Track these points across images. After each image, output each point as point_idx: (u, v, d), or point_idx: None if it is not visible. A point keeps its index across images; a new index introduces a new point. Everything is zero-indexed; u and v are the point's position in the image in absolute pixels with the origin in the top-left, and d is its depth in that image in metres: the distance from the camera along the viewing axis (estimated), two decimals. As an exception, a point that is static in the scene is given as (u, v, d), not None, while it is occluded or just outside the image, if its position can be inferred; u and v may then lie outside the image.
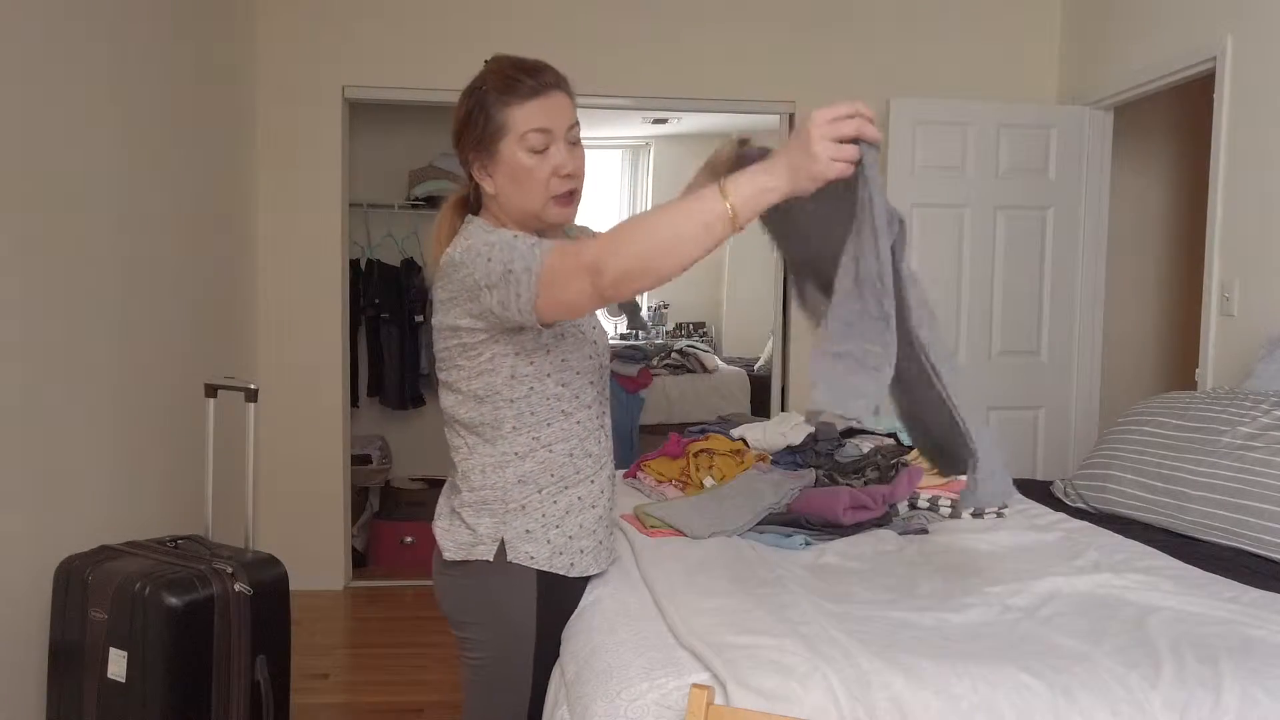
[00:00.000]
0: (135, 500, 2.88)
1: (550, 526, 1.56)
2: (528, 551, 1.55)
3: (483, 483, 1.56)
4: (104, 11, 2.68)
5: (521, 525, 1.55)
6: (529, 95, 1.49)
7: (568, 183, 1.52)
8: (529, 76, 1.50)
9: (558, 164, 1.50)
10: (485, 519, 1.56)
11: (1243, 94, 3.08)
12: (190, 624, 2.11)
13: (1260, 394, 2.29)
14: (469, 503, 1.57)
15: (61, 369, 2.47)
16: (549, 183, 1.50)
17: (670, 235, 1.27)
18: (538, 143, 1.49)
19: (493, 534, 1.55)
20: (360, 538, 4.67)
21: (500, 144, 1.49)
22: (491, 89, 1.50)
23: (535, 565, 1.55)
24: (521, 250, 1.39)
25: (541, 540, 1.55)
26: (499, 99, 1.49)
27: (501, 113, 1.48)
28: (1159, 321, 4.70)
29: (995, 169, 3.96)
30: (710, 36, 4.19)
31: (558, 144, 1.51)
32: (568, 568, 1.58)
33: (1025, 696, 1.28)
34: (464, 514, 1.58)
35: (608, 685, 1.32)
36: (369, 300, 5.14)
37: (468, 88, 1.54)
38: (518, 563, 1.54)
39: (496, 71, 1.51)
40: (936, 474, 2.37)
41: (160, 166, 3.07)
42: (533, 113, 1.49)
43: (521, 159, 1.49)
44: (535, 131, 1.48)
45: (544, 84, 1.50)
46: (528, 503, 1.55)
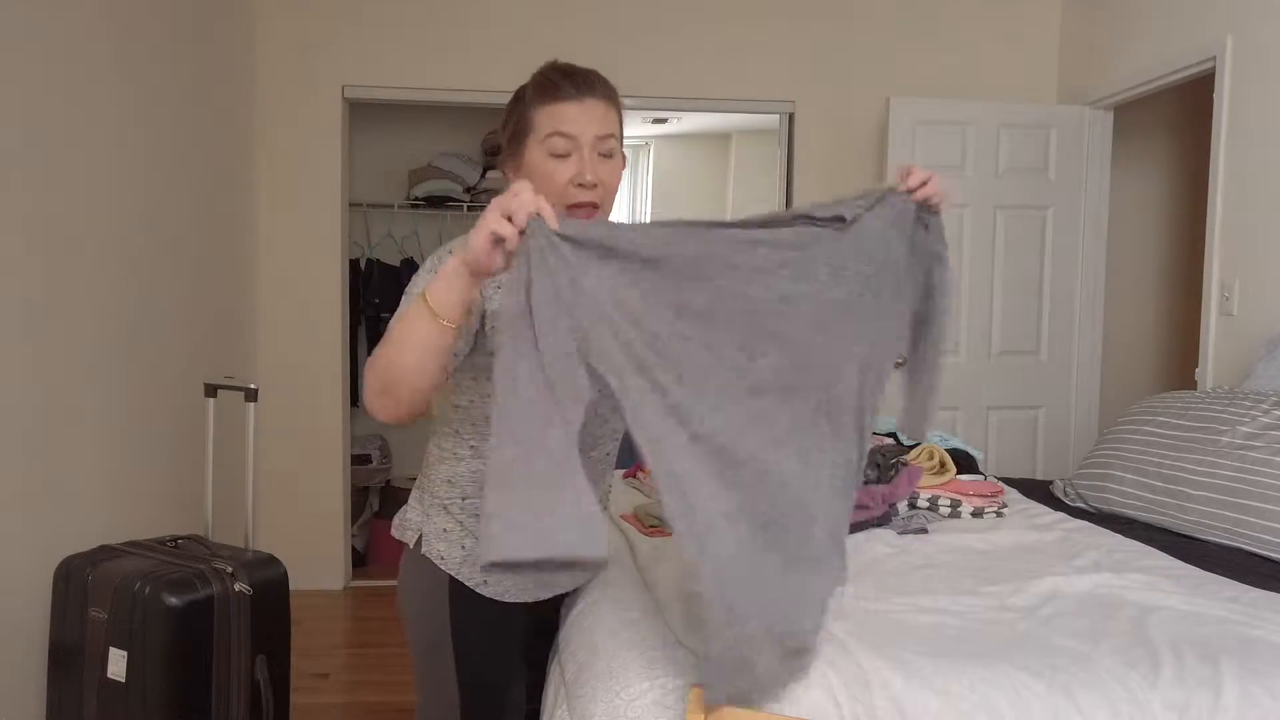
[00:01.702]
0: (135, 500, 2.88)
1: (468, 535, 1.54)
2: (439, 550, 1.55)
3: (426, 471, 1.61)
4: (104, 12, 2.68)
5: (440, 523, 1.56)
6: (560, 98, 1.44)
7: (585, 193, 1.44)
8: (566, 80, 1.45)
9: (577, 172, 1.43)
10: (419, 505, 1.60)
11: (1243, 94, 3.08)
12: (190, 624, 2.11)
13: (1260, 394, 2.29)
14: (418, 484, 1.63)
15: (62, 369, 2.47)
16: (566, 190, 1.43)
17: (397, 352, 1.24)
18: (560, 147, 1.43)
19: (418, 522, 1.59)
20: (360, 538, 4.67)
21: (525, 143, 1.47)
22: (530, 88, 1.48)
23: (445, 567, 1.54)
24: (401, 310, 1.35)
25: (455, 544, 1.54)
26: (533, 99, 1.47)
27: (531, 113, 1.46)
28: (1159, 321, 4.70)
29: (995, 169, 3.96)
30: (710, 36, 4.19)
31: (582, 151, 1.44)
32: (479, 583, 1.54)
33: (1025, 696, 1.28)
34: (412, 494, 1.63)
35: (608, 685, 1.32)
36: (369, 300, 5.13)
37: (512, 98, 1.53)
38: (429, 558, 1.55)
39: (539, 73, 1.50)
40: (936, 474, 2.37)
41: (160, 166, 3.07)
42: (559, 116, 1.44)
43: (541, 162, 1.44)
44: (558, 135, 1.43)
45: (581, 89, 1.45)
46: (450, 505, 1.55)
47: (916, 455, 2.43)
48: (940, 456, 2.42)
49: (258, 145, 4.05)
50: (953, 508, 2.28)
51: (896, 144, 3.88)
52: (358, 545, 4.59)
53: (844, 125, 4.25)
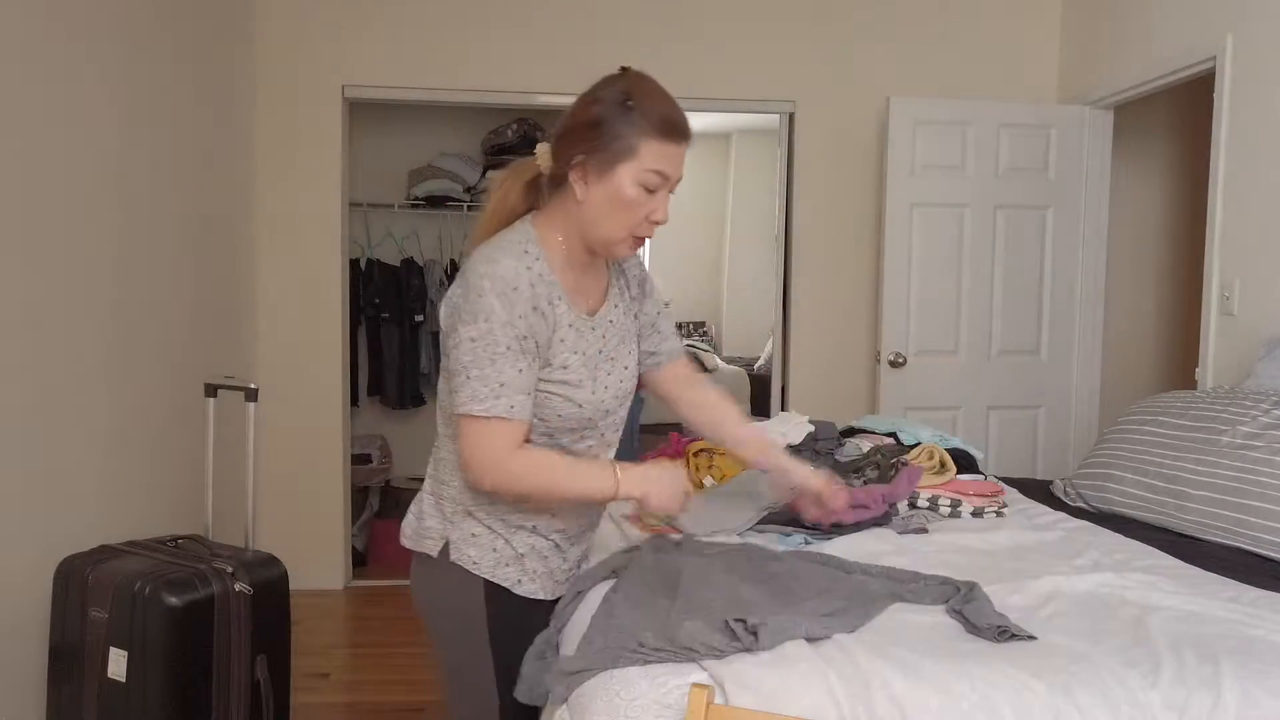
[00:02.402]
0: (135, 500, 2.88)
1: (498, 537, 1.56)
2: (470, 555, 1.55)
3: (444, 478, 1.58)
4: (104, 12, 2.68)
5: (468, 529, 1.55)
6: (669, 136, 1.45)
7: (652, 229, 1.51)
8: (679, 117, 1.47)
9: (655, 210, 1.49)
10: (439, 513, 1.58)
11: (1243, 94, 3.08)
12: (190, 624, 2.11)
13: (1260, 393, 2.28)
14: (431, 491, 1.60)
15: (61, 369, 2.47)
16: (639, 224, 1.49)
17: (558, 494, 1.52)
18: (653, 182, 1.46)
19: (441, 530, 1.57)
20: (360, 537, 4.67)
21: (619, 165, 1.45)
22: (641, 112, 1.44)
23: (478, 571, 1.54)
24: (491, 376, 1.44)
25: (487, 548, 1.55)
26: (642, 125, 1.44)
27: (637, 137, 1.44)
28: (1159, 321, 4.70)
29: (995, 169, 3.96)
30: (710, 36, 4.19)
31: (663, 192, 1.48)
32: (514, 583, 1.56)
33: (1025, 696, 1.28)
34: (425, 502, 1.61)
35: (608, 685, 1.32)
36: (369, 300, 5.14)
37: (607, 91, 1.47)
38: (461, 565, 1.54)
39: (649, 94, 1.46)
40: (936, 474, 2.37)
41: (160, 166, 3.07)
42: (664, 155, 1.46)
43: (629, 190, 1.45)
44: (657, 173, 1.45)
45: (685, 132, 1.48)
46: (476, 510, 1.56)
47: (916, 455, 2.43)
48: (940, 456, 2.42)
49: (258, 145, 4.05)
50: (953, 507, 2.27)
51: (896, 144, 3.88)
52: (358, 545, 4.59)
53: (844, 125, 4.25)
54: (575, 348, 1.52)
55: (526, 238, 1.50)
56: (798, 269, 4.30)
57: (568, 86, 4.12)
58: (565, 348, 1.51)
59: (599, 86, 1.50)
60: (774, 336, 4.52)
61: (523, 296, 1.44)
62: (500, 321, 1.42)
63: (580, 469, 1.49)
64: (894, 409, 3.96)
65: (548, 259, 1.50)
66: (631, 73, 1.50)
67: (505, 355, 1.42)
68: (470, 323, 1.43)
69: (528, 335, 1.44)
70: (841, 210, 4.28)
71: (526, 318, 1.44)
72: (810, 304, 4.31)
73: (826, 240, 4.29)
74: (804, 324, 4.31)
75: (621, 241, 1.51)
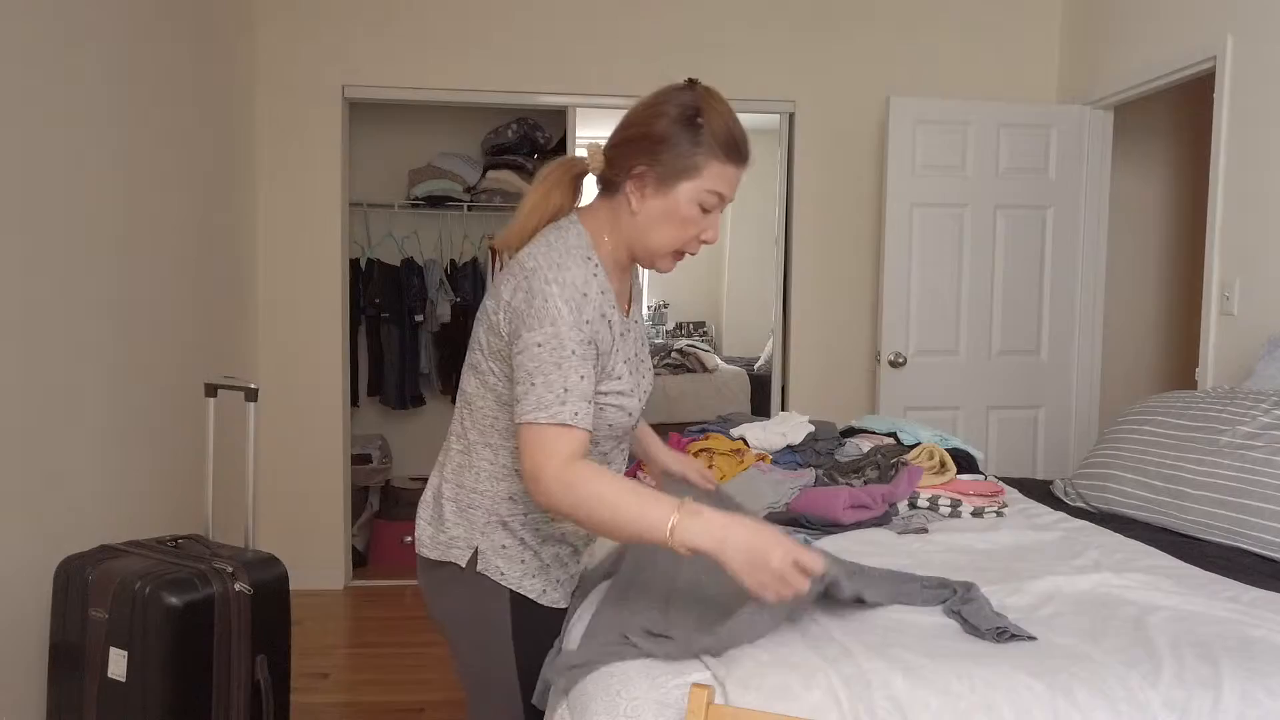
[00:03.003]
0: (135, 500, 2.88)
1: (526, 549, 1.54)
2: (499, 566, 1.53)
3: (475, 486, 1.54)
4: (104, 12, 2.68)
5: (499, 540, 1.53)
6: (733, 160, 1.44)
7: (698, 248, 1.52)
8: (743, 138, 1.46)
9: (707, 229, 1.49)
10: (466, 522, 1.54)
11: (1243, 94, 3.08)
12: (190, 624, 2.11)
13: (1260, 393, 2.28)
14: (453, 497, 1.55)
15: (62, 369, 2.47)
16: (690, 241, 1.49)
17: (608, 526, 1.33)
18: (710, 203, 1.45)
19: (468, 539, 1.53)
20: (360, 537, 4.67)
21: (681, 182, 1.43)
22: (709, 131, 1.42)
23: (505, 583, 1.53)
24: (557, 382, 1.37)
25: (515, 560, 1.54)
26: (711, 145, 1.42)
27: (702, 157, 1.42)
28: (1159, 321, 4.70)
29: (995, 168, 3.96)
30: (710, 36, 4.19)
31: (717, 212, 1.48)
32: (539, 594, 1.56)
33: (1025, 696, 1.28)
34: (446, 509, 1.56)
35: (608, 684, 1.32)
36: (369, 300, 5.14)
37: (675, 105, 1.44)
38: (487, 575, 1.53)
39: (718, 113, 1.44)
40: (936, 474, 2.37)
41: (160, 167, 3.07)
42: (726, 177, 1.45)
43: (687, 208, 1.45)
44: (716, 194, 1.45)
45: (747, 154, 1.47)
46: (510, 521, 1.53)
47: (917, 455, 2.43)
48: (940, 456, 2.42)
49: (258, 145, 4.05)
50: (953, 507, 2.28)
51: (896, 144, 3.89)
52: (358, 545, 4.59)
53: (844, 125, 4.25)
54: (624, 355, 1.51)
55: (585, 244, 1.48)
56: (798, 269, 4.30)
57: (567, 86, 4.17)
58: (619, 357, 1.49)
59: (666, 97, 1.46)
60: (774, 336, 4.52)
61: (591, 304, 1.42)
62: (568, 324, 1.38)
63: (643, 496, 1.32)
64: (894, 409, 3.96)
65: (603, 265, 1.49)
66: (700, 87, 1.47)
67: (570, 360, 1.38)
68: (536, 328, 1.38)
69: (592, 341, 1.41)
70: (841, 210, 4.28)
71: (593, 323, 1.42)
72: (810, 304, 4.31)
73: (826, 240, 4.29)
74: (804, 324, 4.32)
75: (668, 255, 1.51)
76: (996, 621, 1.46)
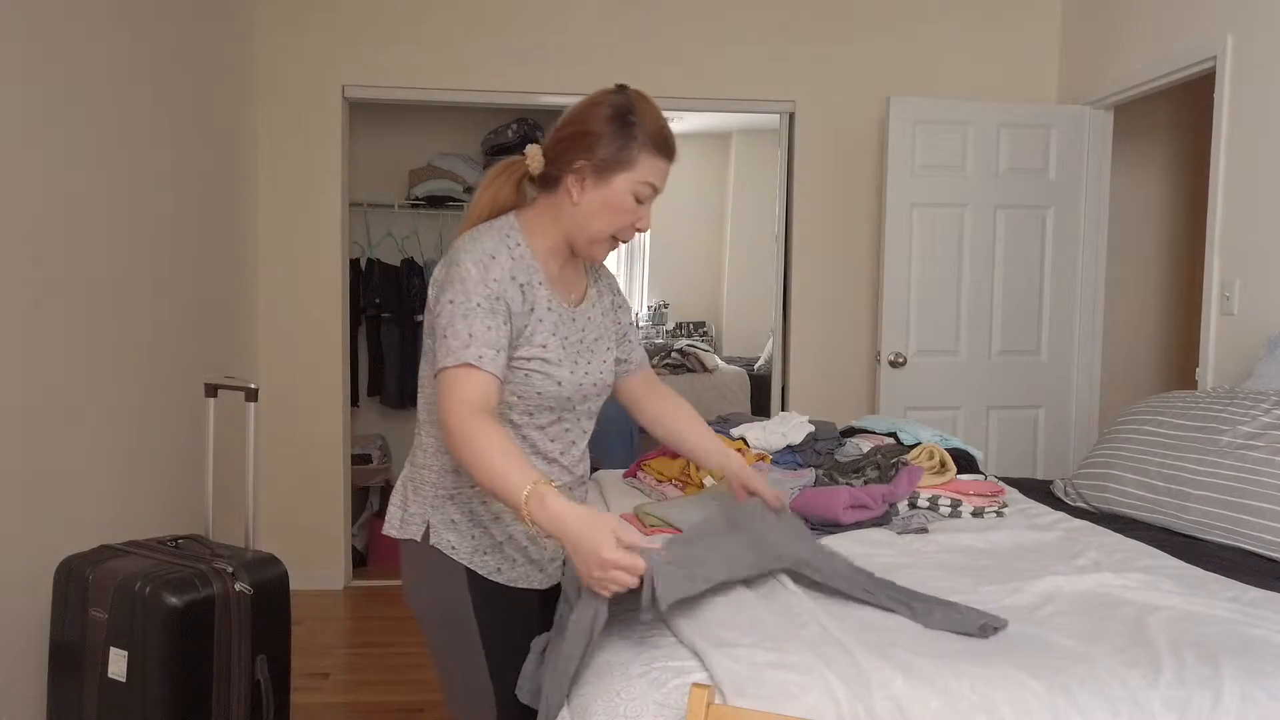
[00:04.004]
0: (135, 500, 2.88)
1: (476, 524, 1.60)
2: (449, 540, 1.58)
3: (425, 462, 1.62)
4: (103, 12, 2.68)
5: (447, 514, 1.59)
6: (664, 154, 1.57)
7: (632, 235, 1.61)
8: (671, 137, 1.58)
9: (641, 217, 1.59)
10: (419, 498, 1.61)
11: (1243, 94, 3.08)
12: (190, 624, 2.11)
13: (1261, 393, 2.28)
14: (410, 478, 1.64)
15: (61, 369, 2.47)
16: (625, 228, 1.59)
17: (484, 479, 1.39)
18: (644, 193, 1.56)
19: (422, 514, 1.60)
20: (360, 537, 4.67)
21: (618, 175, 1.54)
22: (642, 128, 1.54)
23: (457, 558, 1.58)
24: (462, 331, 1.46)
25: (465, 534, 1.59)
26: (644, 140, 1.54)
27: (637, 151, 1.54)
28: (1159, 321, 4.70)
29: (995, 169, 3.96)
30: (710, 36, 4.19)
31: (649, 203, 1.59)
32: (493, 570, 1.61)
33: (1025, 696, 1.28)
34: (406, 488, 1.64)
35: (607, 684, 1.32)
36: (369, 300, 5.14)
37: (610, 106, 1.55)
38: (440, 549, 1.58)
39: (649, 113, 1.56)
40: (936, 473, 2.37)
41: (160, 166, 3.07)
42: (658, 169, 1.57)
43: (624, 198, 1.55)
44: (650, 185, 1.56)
45: (673, 151, 1.59)
46: (457, 494, 1.59)
47: (917, 455, 2.43)
48: (940, 456, 2.42)
49: (258, 145, 4.05)
50: (953, 507, 2.28)
51: (896, 144, 3.89)
52: (358, 545, 4.59)
53: (844, 125, 4.25)
54: (554, 330, 1.58)
55: (510, 227, 1.59)
56: (798, 269, 4.30)
57: (567, 86, 4.16)
58: (544, 328, 1.57)
59: (601, 99, 1.57)
60: (774, 336, 4.52)
61: (500, 265, 1.52)
62: (474, 281, 1.49)
63: (514, 462, 1.38)
64: (894, 409, 3.96)
65: (530, 246, 1.59)
66: (631, 90, 1.59)
67: (476, 311, 1.47)
68: (448, 288, 1.50)
69: (499, 297, 1.50)
70: (841, 210, 4.28)
71: (501, 282, 1.51)
72: (810, 304, 4.31)
73: (826, 240, 4.29)
74: (804, 324, 4.32)
75: (603, 243, 1.60)
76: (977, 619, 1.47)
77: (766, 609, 1.54)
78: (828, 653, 1.35)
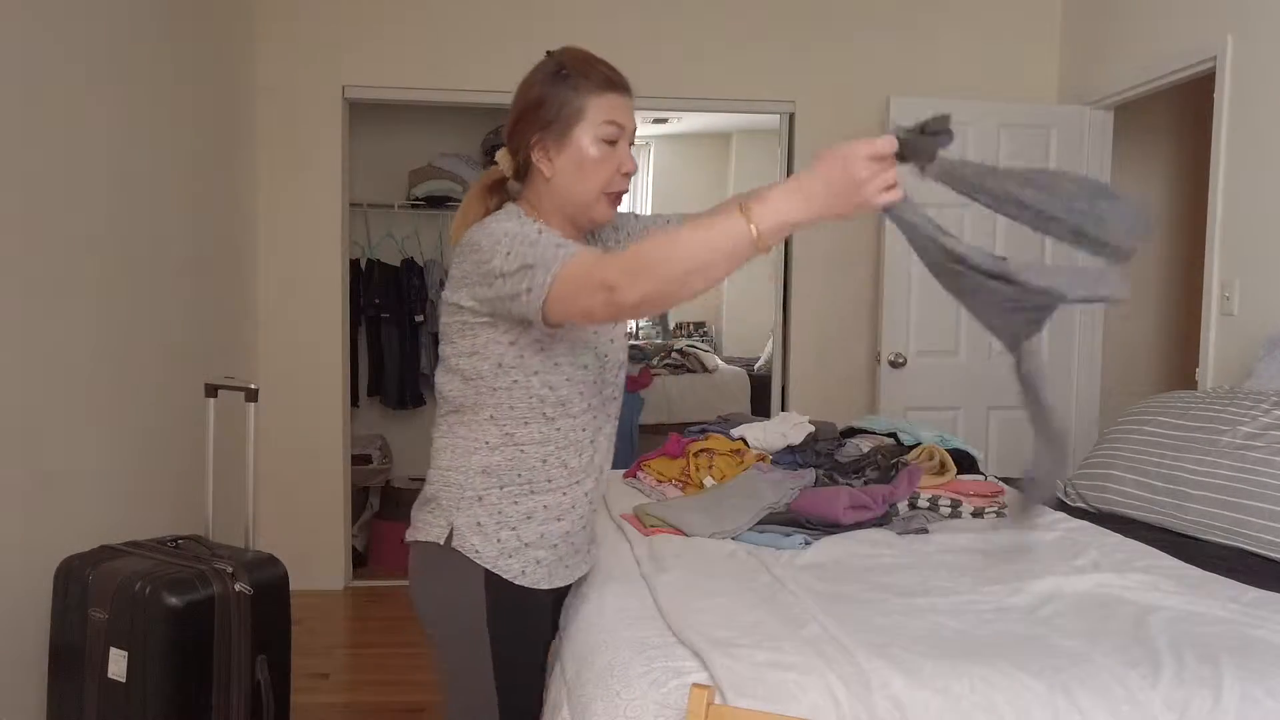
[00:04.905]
0: (135, 500, 2.88)
1: (504, 526, 1.52)
2: (474, 544, 1.51)
3: (450, 464, 1.55)
4: (103, 12, 2.68)
5: (474, 516, 1.52)
6: (609, 88, 1.50)
7: (625, 182, 1.54)
8: (610, 70, 1.52)
9: (624, 161, 1.52)
10: (445, 500, 1.54)
11: (1243, 94, 3.08)
12: (190, 624, 2.11)
13: (1260, 393, 2.28)
14: (433, 480, 1.57)
15: (61, 369, 2.47)
16: (611, 178, 1.52)
17: (691, 263, 1.23)
18: (610, 134, 1.50)
19: (446, 517, 1.53)
20: (360, 538, 4.67)
21: (575, 129, 1.48)
22: (574, 73, 1.49)
23: (480, 561, 1.51)
24: (544, 248, 1.35)
25: (491, 537, 1.52)
26: (582, 84, 1.48)
27: (582, 98, 1.48)
28: (1159, 321, 4.70)
29: (995, 169, 3.96)
30: (710, 36, 4.19)
31: (624, 141, 1.52)
32: (517, 574, 1.52)
33: (1025, 696, 1.28)
34: (429, 492, 1.58)
35: (608, 685, 1.32)
36: (369, 300, 5.14)
37: (541, 71, 1.52)
38: (462, 552, 1.51)
39: (579, 58, 1.51)
40: (936, 474, 2.37)
41: (160, 166, 3.07)
42: (612, 105, 1.50)
43: (592, 148, 1.49)
44: (611, 123, 1.50)
45: (621, 81, 1.52)
46: (486, 495, 1.52)
47: (917, 455, 2.43)
48: (940, 456, 2.42)
49: (258, 145, 4.05)
50: (953, 508, 2.28)
51: (896, 144, 3.88)
52: (358, 545, 4.59)
53: (844, 125, 4.24)
54: None
55: (516, 213, 1.52)
56: (798, 269, 4.30)
57: (568, 86, 4.16)
58: None
59: (531, 72, 1.55)
60: (774, 337, 4.52)
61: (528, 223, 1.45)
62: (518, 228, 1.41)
63: (704, 224, 1.22)
64: (894, 409, 3.96)
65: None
66: (557, 50, 1.55)
67: (540, 238, 1.37)
68: (493, 255, 1.40)
69: (544, 232, 1.41)
70: (841, 210, 4.27)
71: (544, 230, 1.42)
72: (810, 304, 4.31)
73: (826, 240, 4.29)
74: (804, 324, 4.31)
75: (598, 201, 1.53)
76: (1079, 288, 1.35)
77: (767, 609, 1.54)
78: (828, 653, 1.35)
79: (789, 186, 1.22)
